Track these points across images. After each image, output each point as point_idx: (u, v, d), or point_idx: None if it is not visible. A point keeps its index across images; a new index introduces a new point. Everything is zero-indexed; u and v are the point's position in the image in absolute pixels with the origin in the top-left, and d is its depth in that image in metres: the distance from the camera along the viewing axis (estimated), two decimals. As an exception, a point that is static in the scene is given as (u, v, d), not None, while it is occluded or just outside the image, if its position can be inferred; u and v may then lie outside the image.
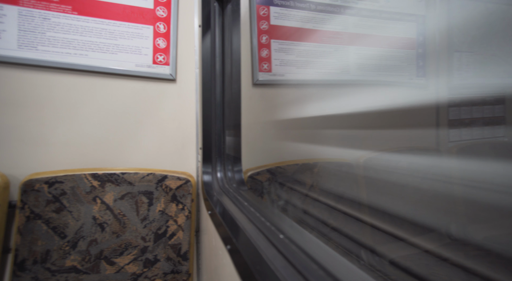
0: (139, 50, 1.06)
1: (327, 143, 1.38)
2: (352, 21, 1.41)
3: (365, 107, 1.45)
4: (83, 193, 0.97)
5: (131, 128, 1.09)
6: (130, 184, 1.02)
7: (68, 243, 0.94)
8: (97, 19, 1.00)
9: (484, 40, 1.75)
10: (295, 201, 1.22)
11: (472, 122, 1.76)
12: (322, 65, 1.36)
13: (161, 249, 1.04)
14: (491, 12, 1.74)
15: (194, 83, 1.15)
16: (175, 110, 1.14)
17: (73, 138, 1.02)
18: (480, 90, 1.78)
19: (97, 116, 1.04)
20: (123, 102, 1.07)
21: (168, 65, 1.09)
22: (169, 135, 1.13)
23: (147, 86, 1.10)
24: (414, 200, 1.45)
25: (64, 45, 0.96)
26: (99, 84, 1.04)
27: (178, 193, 1.06)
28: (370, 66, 1.46)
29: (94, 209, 0.98)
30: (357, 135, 1.44)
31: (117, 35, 1.03)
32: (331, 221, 1.25)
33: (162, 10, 1.08)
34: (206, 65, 1.07)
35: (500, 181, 1.66)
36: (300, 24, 1.31)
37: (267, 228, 0.62)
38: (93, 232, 0.97)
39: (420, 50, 1.58)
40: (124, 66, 1.04)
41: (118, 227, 1.00)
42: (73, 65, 0.98)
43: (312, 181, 1.26)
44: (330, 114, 1.38)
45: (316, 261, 0.46)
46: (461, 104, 1.73)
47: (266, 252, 0.53)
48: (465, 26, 1.69)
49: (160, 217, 1.04)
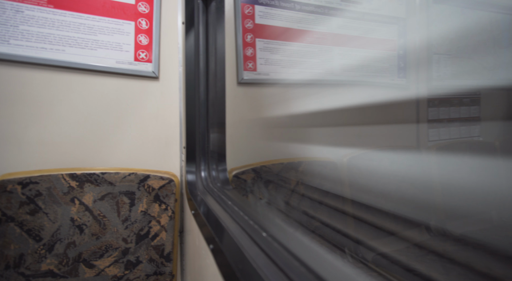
0: (120, 46, 1.03)
1: (312, 142, 1.39)
2: (336, 22, 1.43)
3: (348, 107, 1.47)
4: (60, 193, 0.93)
5: (112, 127, 1.05)
6: (111, 184, 0.99)
7: (43, 246, 0.90)
8: (74, 13, 0.96)
9: (461, 43, 1.82)
10: (280, 200, 1.23)
11: (450, 122, 1.83)
12: (306, 65, 1.37)
13: (143, 251, 1.01)
14: (467, 17, 1.82)
15: (177, 81, 1.13)
16: (158, 108, 1.11)
17: (49, 137, 0.97)
18: (457, 91, 1.85)
19: (75, 114, 1.00)
20: (103, 100, 1.04)
21: (150, 63, 1.07)
22: (152, 134, 1.11)
23: (129, 83, 1.07)
24: (396, 198, 1.49)
25: (39, 39, 0.92)
26: (77, 81, 1.00)
27: (161, 193, 1.04)
28: (353, 66, 1.49)
29: (72, 210, 0.94)
30: (340, 134, 1.46)
31: (97, 31, 0.99)
32: (315, 219, 1.26)
33: (144, 6, 1.05)
34: (189, 63, 1.05)
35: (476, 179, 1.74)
36: (285, 23, 1.31)
37: (251, 226, 0.62)
38: (71, 234, 0.93)
39: (401, 52, 1.62)
40: (104, 62, 1.01)
41: (97, 229, 0.96)
42: (49, 60, 0.94)
43: (297, 180, 1.27)
44: (314, 113, 1.39)
45: (298, 258, 0.46)
46: (439, 105, 1.79)
47: (249, 250, 0.53)
48: (443, 29, 1.75)
49: (142, 217, 1.02)
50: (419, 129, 1.73)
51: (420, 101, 1.72)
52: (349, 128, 1.48)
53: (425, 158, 1.65)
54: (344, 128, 1.46)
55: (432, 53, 1.73)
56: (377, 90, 1.58)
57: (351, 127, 1.48)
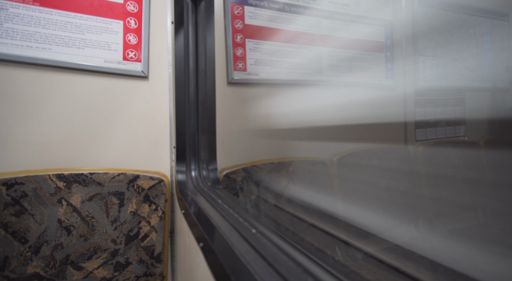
0: (108, 45, 1.02)
1: (302, 141, 1.41)
2: (325, 23, 1.45)
3: (338, 106, 1.49)
4: (47, 194, 0.91)
5: (100, 127, 1.04)
6: (99, 185, 0.97)
7: (29, 248, 0.88)
8: (61, 12, 0.95)
9: (446, 46, 1.88)
10: (270, 198, 1.23)
11: (436, 122, 1.88)
12: (296, 66, 1.38)
13: (133, 252, 1.00)
14: (450, 20, 1.87)
15: (167, 81, 1.12)
16: (147, 108, 1.10)
17: (35, 137, 0.95)
18: (443, 92, 1.90)
19: (63, 114, 0.99)
20: (91, 99, 1.02)
21: (139, 62, 1.06)
22: (141, 134, 1.10)
23: (118, 83, 1.06)
24: (385, 196, 1.52)
25: (24, 38, 0.90)
26: (64, 80, 0.98)
27: (151, 193, 1.03)
28: (343, 67, 1.51)
29: (60, 211, 0.92)
30: (330, 135, 1.48)
31: (84, 29, 0.98)
32: (305, 217, 1.27)
33: (133, 5, 1.05)
34: (179, 62, 1.05)
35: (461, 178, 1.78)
36: (275, 24, 1.33)
37: (240, 223, 0.63)
38: (58, 236, 0.92)
39: (388, 54, 1.66)
40: (92, 62, 1.00)
41: (86, 230, 0.95)
42: (35, 59, 0.92)
43: (288, 179, 1.28)
44: (304, 113, 1.41)
45: (286, 253, 0.47)
46: (426, 105, 1.84)
47: (239, 247, 0.53)
48: (428, 32, 1.80)
49: (132, 218, 1.00)
50: (407, 129, 1.77)
51: (407, 101, 1.76)
52: (338, 128, 1.50)
53: (413, 157, 1.69)
54: (333, 128, 1.48)
55: (418, 55, 1.78)
56: (365, 90, 1.60)
57: (341, 126, 1.51)
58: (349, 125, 1.53)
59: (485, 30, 2.00)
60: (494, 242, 1.43)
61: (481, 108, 2.06)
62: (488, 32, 2.01)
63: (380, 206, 1.48)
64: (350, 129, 1.54)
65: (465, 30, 1.93)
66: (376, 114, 1.63)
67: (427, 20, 1.79)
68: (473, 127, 2.00)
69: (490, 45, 2.03)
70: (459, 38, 1.92)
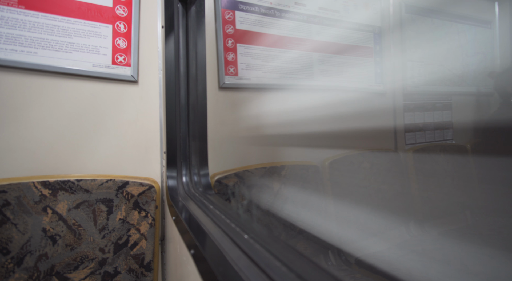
0: (97, 49, 1.00)
1: (294, 145, 1.41)
2: (315, 29, 1.47)
3: (330, 110, 1.50)
4: (31, 203, 0.88)
5: (88, 133, 1.02)
6: (87, 192, 0.94)
7: (12, 259, 0.84)
8: (48, 15, 0.93)
9: (432, 51, 1.93)
10: (263, 203, 1.22)
11: (425, 126, 1.92)
12: (287, 70, 1.39)
13: (122, 261, 0.97)
14: (436, 26, 1.93)
15: (157, 85, 1.11)
16: (137, 113, 1.09)
17: (18, 143, 0.92)
18: (431, 97, 1.94)
19: (49, 119, 0.96)
20: (79, 104, 1.00)
21: (129, 66, 1.04)
22: (130, 139, 1.08)
23: (106, 87, 1.04)
24: (376, 199, 1.53)
25: (8, 41, 0.88)
26: (51, 85, 0.96)
27: (141, 200, 1.01)
28: (333, 72, 1.53)
29: (44, 220, 0.89)
30: (322, 139, 1.49)
31: (72, 33, 0.96)
32: (298, 221, 1.26)
33: (122, 9, 1.04)
34: (170, 67, 1.04)
35: (450, 180, 1.81)
36: (266, 29, 1.33)
37: (232, 229, 0.61)
38: (43, 245, 0.88)
39: (377, 59, 1.69)
40: (80, 66, 0.98)
41: (72, 239, 0.92)
42: (19, 63, 0.89)
43: (280, 184, 1.28)
44: (296, 117, 1.41)
45: (279, 258, 0.46)
46: (415, 109, 1.87)
47: (230, 253, 0.52)
48: (415, 38, 1.85)
49: (121, 226, 0.98)
50: (397, 133, 1.79)
51: (396, 106, 1.79)
52: (330, 132, 1.51)
53: (403, 160, 1.71)
54: (325, 132, 1.49)
55: (406, 60, 1.82)
56: (356, 94, 1.62)
57: (332, 130, 1.51)
58: (340, 130, 1.54)
59: (469, 36, 2.06)
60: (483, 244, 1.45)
61: (467, 112, 2.11)
62: (472, 38, 2.07)
63: (372, 209, 1.49)
64: (341, 134, 1.55)
65: (450, 37, 1.99)
66: (367, 118, 1.65)
67: (414, 27, 1.84)
68: (460, 131, 2.04)
69: (474, 51, 2.09)
70: (445, 44, 1.98)
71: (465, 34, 2.05)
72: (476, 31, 2.09)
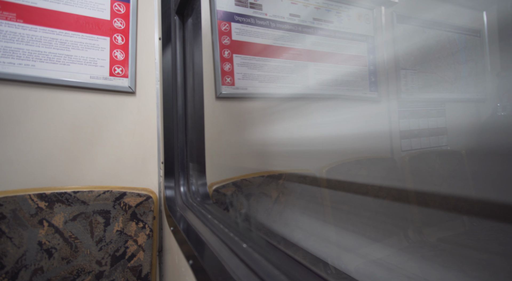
0: (94, 61, 1.01)
1: (290, 153, 1.42)
2: (310, 39, 1.50)
3: (326, 119, 1.52)
4: (27, 215, 0.87)
5: (85, 144, 1.02)
6: (84, 203, 0.94)
7: (6, 274, 0.83)
8: (46, 29, 0.94)
9: (425, 60, 1.97)
10: (261, 212, 1.22)
11: (420, 133, 1.94)
12: (283, 80, 1.41)
13: (119, 273, 0.96)
14: (428, 36, 1.98)
15: (155, 96, 1.12)
16: (134, 124, 1.09)
17: (15, 155, 0.92)
18: (425, 104, 1.98)
19: (46, 131, 0.96)
20: (76, 115, 1.00)
21: (126, 78, 1.05)
22: (128, 150, 1.08)
23: (104, 99, 1.05)
24: (374, 207, 1.53)
25: (6, 54, 0.89)
26: (48, 97, 0.96)
27: (138, 211, 1.00)
28: (328, 81, 1.55)
29: (40, 233, 0.88)
30: (318, 146, 1.50)
31: (70, 46, 0.97)
32: (298, 229, 1.26)
33: (120, 22, 1.05)
34: (167, 77, 1.05)
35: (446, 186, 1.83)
36: (261, 40, 1.36)
37: (231, 239, 0.61)
38: (38, 259, 0.87)
39: (371, 67, 1.72)
40: (78, 78, 0.99)
41: (68, 252, 0.90)
42: (17, 76, 0.90)
43: (278, 192, 1.28)
44: (292, 126, 1.43)
45: (278, 267, 0.46)
46: (409, 116, 1.90)
47: (229, 263, 0.51)
48: (408, 47, 1.89)
49: (118, 237, 0.97)
50: (392, 140, 1.81)
51: (391, 113, 1.82)
52: (326, 140, 1.52)
53: (400, 166, 1.73)
54: (322, 140, 1.50)
55: (399, 69, 1.85)
56: (351, 103, 1.65)
57: (328, 138, 1.53)
58: (337, 137, 1.55)
59: (460, 45, 2.11)
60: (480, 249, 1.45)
61: (460, 118, 2.14)
62: (463, 47, 2.13)
63: (370, 217, 1.49)
64: (338, 141, 1.56)
65: (441, 45, 2.04)
66: (363, 125, 1.67)
67: (406, 36, 1.89)
68: (454, 136, 2.07)
69: (465, 58, 2.14)
70: (436, 52, 2.03)
71: (456, 43, 2.10)
72: (466, 39, 2.15)
